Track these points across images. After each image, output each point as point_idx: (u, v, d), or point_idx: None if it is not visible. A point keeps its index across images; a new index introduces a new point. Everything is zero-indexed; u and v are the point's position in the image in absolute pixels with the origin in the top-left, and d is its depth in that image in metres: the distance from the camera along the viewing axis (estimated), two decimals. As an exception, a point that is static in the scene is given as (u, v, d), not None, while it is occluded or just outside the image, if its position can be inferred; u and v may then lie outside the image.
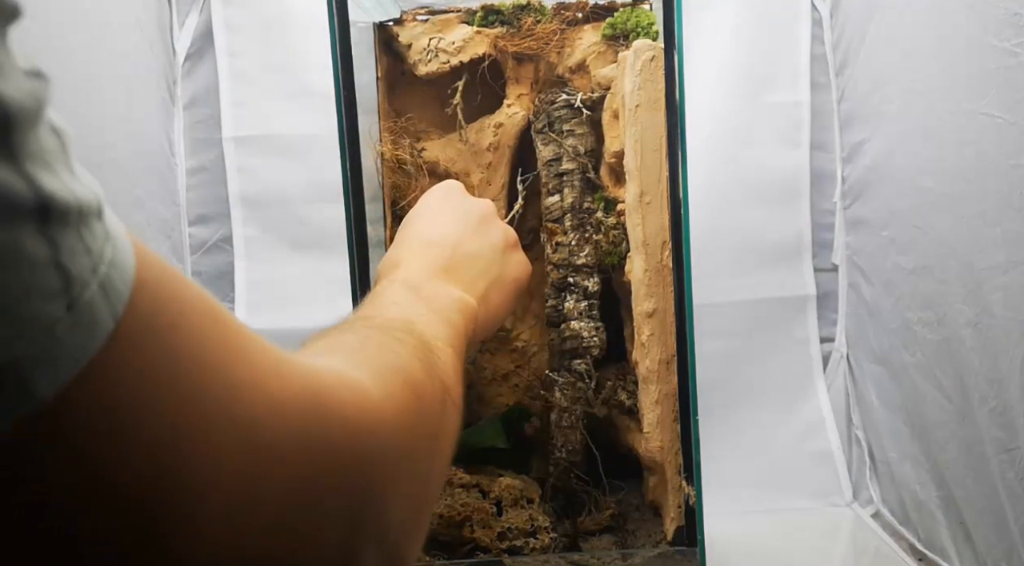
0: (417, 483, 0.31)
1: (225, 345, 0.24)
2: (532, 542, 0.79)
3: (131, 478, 0.20)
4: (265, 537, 0.24)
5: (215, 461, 0.22)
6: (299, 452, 0.25)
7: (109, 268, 0.20)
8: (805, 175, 1.15)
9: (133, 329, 0.21)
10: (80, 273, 0.19)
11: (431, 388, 0.35)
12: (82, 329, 0.19)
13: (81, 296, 0.19)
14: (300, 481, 0.25)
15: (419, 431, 0.32)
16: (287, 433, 0.24)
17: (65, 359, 0.19)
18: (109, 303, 0.20)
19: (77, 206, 0.20)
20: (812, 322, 1.16)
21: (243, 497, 0.23)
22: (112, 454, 0.20)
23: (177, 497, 0.21)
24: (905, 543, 0.97)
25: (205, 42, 1.13)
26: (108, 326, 0.20)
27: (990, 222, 0.75)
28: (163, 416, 0.21)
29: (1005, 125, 0.72)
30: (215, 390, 0.23)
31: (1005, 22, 0.71)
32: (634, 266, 0.78)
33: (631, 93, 0.76)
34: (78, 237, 0.20)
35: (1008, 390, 0.74)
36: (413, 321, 0.42)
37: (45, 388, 0.19)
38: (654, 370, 0.78)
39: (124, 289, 0.21)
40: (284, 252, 1.15)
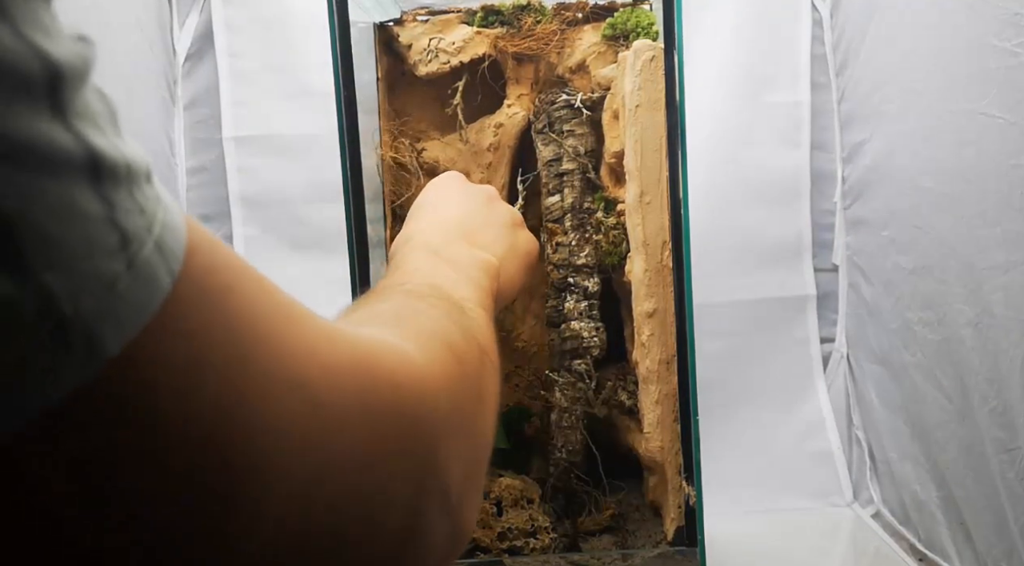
0: (469, 443, 0.31)
1: (276, 311, 0.24)
2: (532, 542, 0.79)
3: (197, 437, 0.20)
4: (333, 502, 0.23)
5: (277, 423, 0.22)
6: (359, 416, 0.25)
7: (162, 229, 0.20)
8: (805, 175, 1.15)
9: (190, 290, 0.21)
10: (136, 232, 0.19)
11: (469, 351, 0.35)
12: (142, 287, 0.19)
13: (139, 255, 0.19)
14: (363, 445, 0.25)
15: (464, 394, 0.32)
16: (344, 397, 0.24)
17: (128, 316, 0.19)
18: (166, 263, 0.20)
19: (126, 166, 0.20)
20: (812, 322, 1.16)
21: (309, 461, 0.23)
22: (177, 413, 0.20)
23: (243, 459, 0.21)
24: (905, 543, 0.97)
25: (205, 42, 1.13)
26: (166, 285, 0.20)
27: (990, 222, 0.75)
28: (223, 377, 0.21)
29: (1006, 125, 0.72)
30: (270, 353, 0.23)
31: (1006, 22, 0.71)
32: (634, 266, 0.78)
33: (631, 93, 0.76)
34: (130, 197, 0.20)
35: (1009, 390, 0.74)
36: (440, 285, 0.42)
37: (111, 344, 0.19)
38: (654, 370, 0.78)
39: (179, 250, 0.21)
40: (284, 252, 1.15)
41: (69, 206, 0.18)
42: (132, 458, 0.19)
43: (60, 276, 0.18)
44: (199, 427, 0.20)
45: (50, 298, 0.17)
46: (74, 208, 0.18)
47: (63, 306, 0.18)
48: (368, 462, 0.25)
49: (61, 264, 0.18)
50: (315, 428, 0.23)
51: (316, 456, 0.23)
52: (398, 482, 0.26)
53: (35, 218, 0.17)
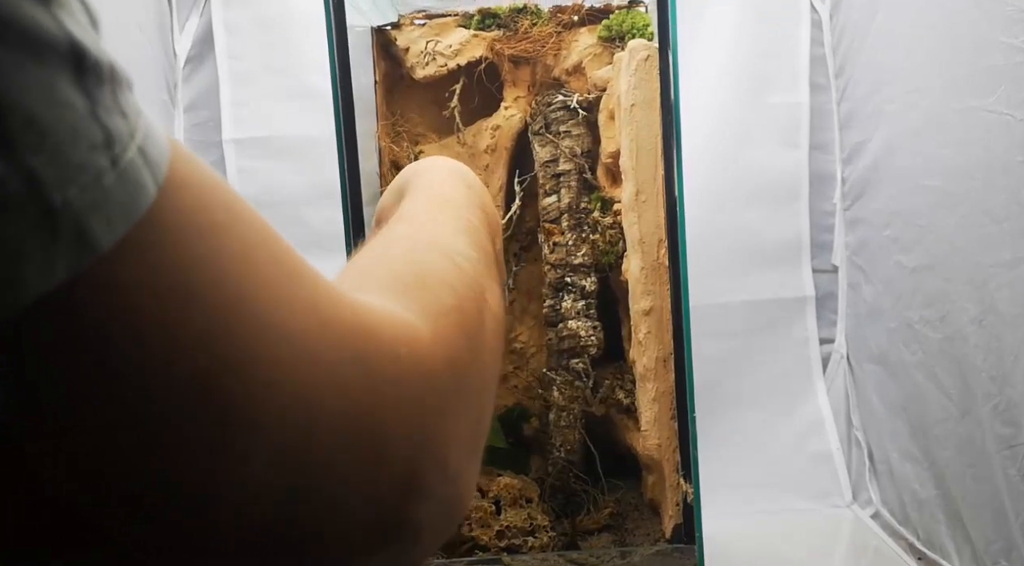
0: (469, 420, 0.31)
1: (276, 261, 0.23)
2: (531, 541, 0.79)
3: (181, 361, 0.20)
4: (322, 462, 0.23)
5: (267, 370, 0.21)
6: (355, 379, 0.24)
7: (145, 138, 0.20)
8: (804, 176, 1.15)
9: (177, 206, 0.20)
10: (119, 133, 0.19)
11: (482, 327, 0.34)
12: (128, 186, 0.19)
13: (123, 155, 0.19)
14: (357, 408, 0.24)
15: (469, 370, 0.31)
16: (342, 356, 0.24)
17: (116, 212, 0.19)
18: (150, 169, 0.20)
19: (109, 66, 0.20)
20: (811, 323, 1.16)
21: (300, 413, 0.22)
22: (162, 333, 0.20)
23: (228, 399, 0.21)
24: (905, 543, 0.97)
25: (205, 45, 1.14)
26: (151, 190, 0.20)
27: (997, 219, 0.75)
28: (213, 312, 0.21)
29: (1013, 122, 0.72)
30: (265, 299, 0.22)
31: (1013, 18, 0.71)
32: (631, 265, 0.78)
33: (626, 93, 0.76)
34: (112, 98, 0.19)
35: (1012, 386, 0.74)
36: (473, 237, 0.40)
37: (101, 237, 0.18)
38: (651, 368, 0.78)
39: (162, 162, 0.20)
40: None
41: (52, 91, 0.18)
42: (116, 363, 0.19)
43: (47, 161, 0.17)
44: (183, 351, 0.20)
45: (38, 183, 0.17)
46: (57, 94, 0.18)
47: (51, 193, 0.17)
48: (362, 427, 0.24)
49: (47, 149, 0.17)
50: (308, 382, 0.22)
51: (307, 411, 0.22)
52: (392, 450, 0.25)
53: (19, 98, 0.17)
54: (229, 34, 1.13)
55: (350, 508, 0.24)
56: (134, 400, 0.19)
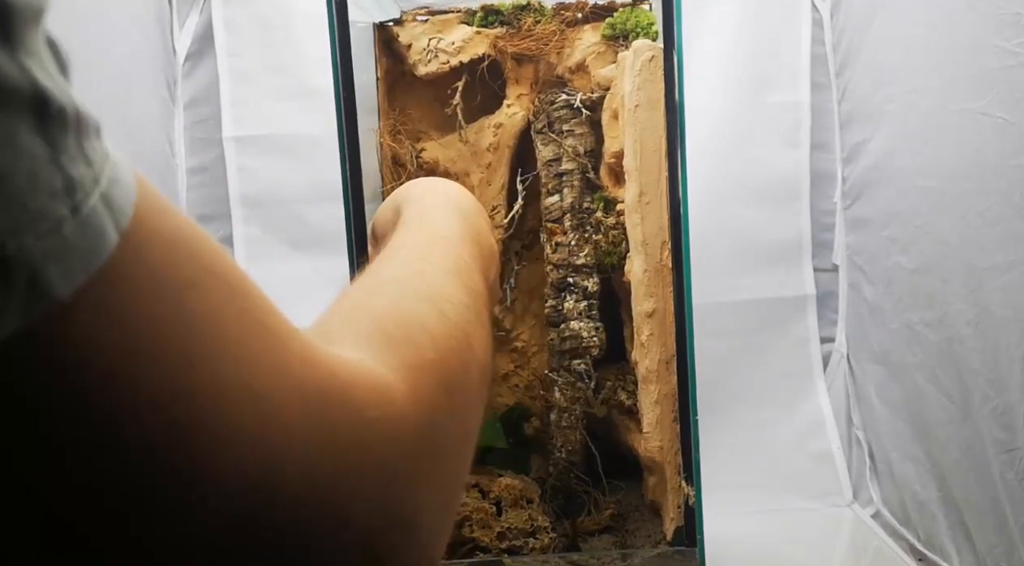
0: (445, 482, 0.30)
1: (246, 320, 0.23)
2: (532, 542, 0.79)
3: (134, 417, 0.19)
4: (279, 529, 0.22)
5: (228, 429, 0.21)
6: (321, 443, 0.23)
7: (110, 185, 0.20)
8: (805, 175, 1.15)
9: (141, 256, 0.20)
10: (81, 180, 0.19)
11: (467, 381, 0.33)
12: (89, 234, 0.19)
13: (85, 202, 0.19)
14: (321, 474, 0.23)
15: (447, 430, 0.30)
16: (308, 420, 0.23)
17: (74, 260, 0.18)
18: (113, 216, 0.20)
19: (75, 113, 0.19)
20: (812, 322, 1.16)
21: (258, 479, 0.22)
22: (117, 387, 0.19)
23: (180, 457, 0.20)
24: (905, 543, 0.97)
25: (205, 42, 1.13)
26: (113, 238, 0.19)
27: (991, 221, 0.75)
28: (173, 367, 0.20)
29: (1006, 125, 0.72)
30: (231, 361, 0.22)
31: (1006, 22, 0.71)
32: (633, 266, 0.78)
33: (630, 93, 0.76)
34: (76, 144, 0.19)
35: (1009, 390, 0.74)
36: (462, 277, 0.39)
37: (56, 286, 0.18)
38: (653, 370, 0.78)
39: (127, 207, 0.20)
40: (284, 252, 1.15)
41: (12, 138, 0.17)
42: (66, 417, 0.19)
43: (2, 208, 0.17)
44: (136, 409, 0.19)
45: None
46: (17, 141, 0.18)
47: (5, 240, 0.17)
48: (324, 494, 0.23)
49: (3, 196, 0.17)
50: (269, 447, 0.22)
51: (267, 476, 0.22)
52: (357, 518, 0.25)
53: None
54: (229, 31, 1.12)
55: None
56: (81, 458, 0.19)
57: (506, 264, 0.88)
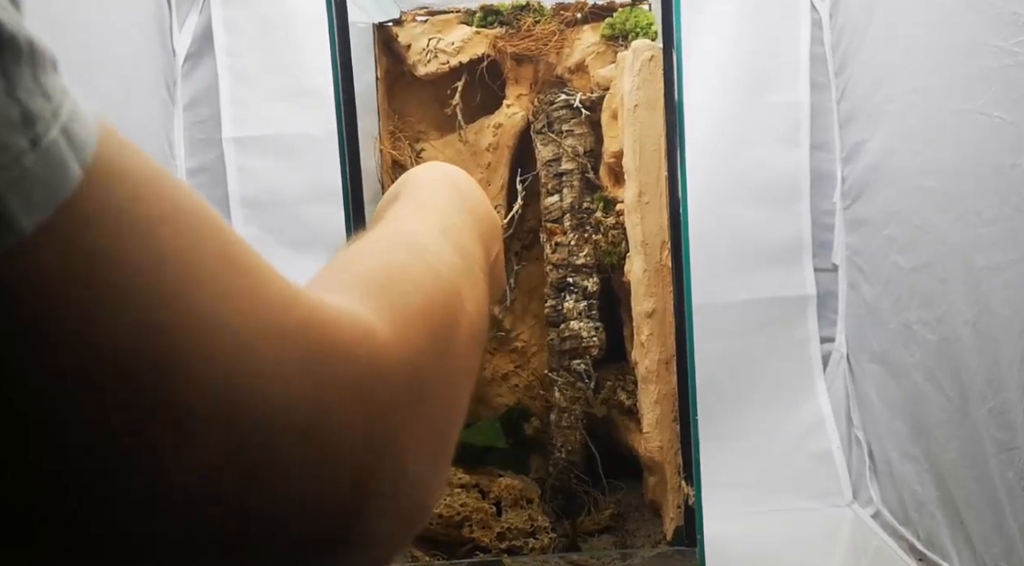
0: (434, 424, 0.30)
1: (222, 255, 0.22)
2: (532, 542, 0.79)
3: (106, 355, 0.19)
4: (262, 464, 0.22)
5: (203, 365, 0.20)
6: (300, 378, 0.23)
7: (70, 119, 0.19)
8: (805, 175, 1.15)
9: (105, 192, 0.20)
10: (40, 113, 0.18)
11: (454, 330, 0.32)
12: (50, 167, 0.18)
13: (45, 135, 0.18)
14: (301, 410, 0.23)
15: (434, 374, 0.30)
16: (287, 355, 0.23)
17: (37, 193, 0.18)
18: (75, 151, 0.19)
19: (29, 45, 0.19)
20: (812, 322, 1.16)
21: (235, 414, 0.21)
22: (87, 322, 0.19)
23: (164, 385, 0.20)
24: (905, 543, 0.97)
25: (205, 43, 1.13)
26: (76, 173, 0.19)
27: (989, 221, 0.75)
28: (146, 296, 0.20)
29: (1004, 124, 0.72)
30: (206, 296, 0.21)
31: (1005, 22, 0.71)
32: (633, 266, 0.78)
33: (630, 93, 0.76)
34: (32, 77, 0.19)
35: (1007, 390, 0.74)
36: (456, 240, 0.38)
37: (21, 219, 0.18)
38: (653, 370, 0.78)
39: (89, 143, 0.20)
40: (284, 252, 1.15)
41: None
42: (37, 353, 0.18)
43: None
44: (109, 343, 0.19)
45: None
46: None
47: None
48: (308, 427, 0.23)
49: None
50: (246, 384, 0.21)
51: (245, 414, 0.21)
52: (342, 453, 0.24)
53: None
54: (228, 32, 1.12)
55: (296, 510, 0.23)
56: (54, 394, 0.19)
57: (506, 264, 0.88)
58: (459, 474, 0.81)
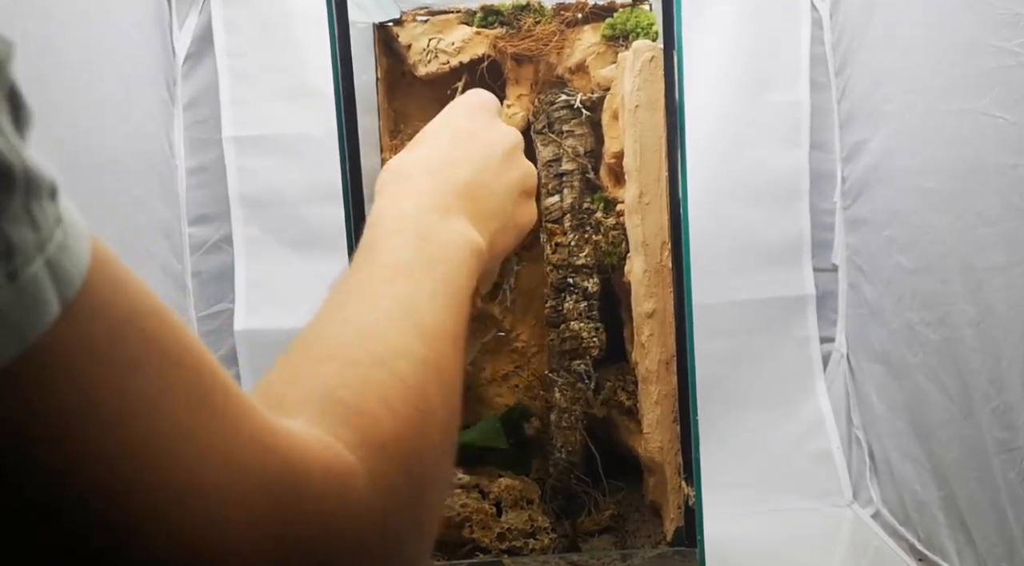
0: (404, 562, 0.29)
1: (195, 404, 0.21)
2: (532, 543, 0.79)
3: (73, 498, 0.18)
4: None
5: (167, 529, 0.20)
6: (271, 541, 0.22)
7: (58, 251, 0.19)
8: (805, 175, 1.15)
9: (82, 332, 0.19)
10: (23, 245, 0.18)
11: (428, 450, 0.31)
12: (26, 303, 0.18)
13: (24, 269, 0.18)
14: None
15: (407, 514, 0.29)
16: (258, 517, 0.22)
17: (8, 332, 0.18)
18: (57, 286, 0.19)
19: (24, 174, 0.18)
20: (812, 322, 1.16)
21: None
22: (49, 469, 0.18)
23: (117, 558, 0.19)
24: (905, 543, 0.97)
25: (205, 42, 1.13)
26: (53, 310, 0.18)
27: (990, 222, 0.75)
28: (109, 450, 0.19)
29: (1005, 125, 0.72)
30: (174, 452, 0.20)
31: (1005, 22, 0.71)
32: (634, 266, 0.78)
33: (630, 93, 0.76)
34: (23, 207, 0.18)
35: (1010, 390, 0.74)
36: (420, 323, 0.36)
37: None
38: (654, 370, 0.78)
39: (75, 278, 0.19)
40: (284, 252, 1.15)
41: None
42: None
43: None
44: (67, 496, 0.18)
45: None
46: None
47: None
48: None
49: None
50: (212, 547, 0.20)
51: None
52: None
53: None
54: (228, 32, 1.12)
55: None
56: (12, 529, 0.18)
57: (506, 264, 0.88)
58: (459, 474, 0.81)
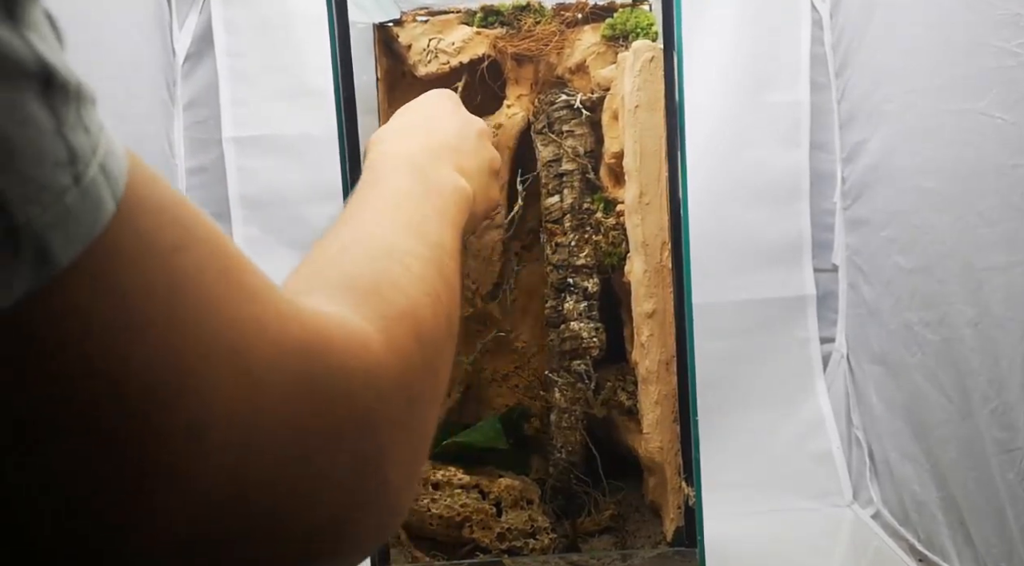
0: (416, 435, 0.31)
1: (227, 280, 0.24)
2: (532, 543, 0.79)
3: (128, 382, 0.20)
4: (266, 480, 0.23)
5: (212, 392, 0.22)
6: (301, 396, 0.24)
7: (106, 154, 0.21)
8: (805, 175, 1.15)
9: (133, 222, 0.21)
10: (82, 150, 0.20)
11: (437, 329, 0.34)
12: (89, 203, 0.20)
13: (86, 172, 0.20)
14: (303, 428, 0.24)
15: (421, 385, 0.31)
16: (289, 376, 0.24)
17: (77, 229, 0.19)
18: (110, 185, 0.20)
19: (76, 85, 0.20)
20: (812, 322, 1.16)
21: (242, 433, 0.23)
22: (111, 351, 0.20)
23: (172, 421, 0.21)
24: (905, 543, 0.97)
25: (205, 43, 1.13)
26: (110, 207, 0.20)
27: (990, 222, 0.75)
28: (161, 334, 0.21)
29: (1005, 125, 0.72)
30: (214, 321, 0.22)
31: (1005, 22, 0.71)
32: (634, 266, 0.78)
33: (630, 94, 0.76)
34: (77, 115, 0.20)
35: (1009, 390, 0.74)
36: (421, 232, 0.40)
37: (61, 255, 0.19)
38: (654, 370, 0.78)
39: (121, 177, 0.21)
40: (284, 252, 1.15)
41: (21, 110, 0.18)
42: (66, 380, 0.19)
43: (12, 180, 0.18)
44: (129, 372, 0.20)
45: (4, 201, 0.18)
46: (26, 114, 0.18)
47: (14, 212, 0.18)
48: (307, 446, 0.25)
49: (13, 168, 0.18)
50: (252, 403, 0.23)
51: (251, 433, 0.23)
52: (337, 469, 0.26)
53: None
54: (228, 32, 1.12)
55: (293, 521, 0.25)
56: (82, 417, 0.20)
57: (506, 264, 0.88)
58: (459, 474, 0.81)
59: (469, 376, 0.88)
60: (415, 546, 0.79)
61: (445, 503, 0.78)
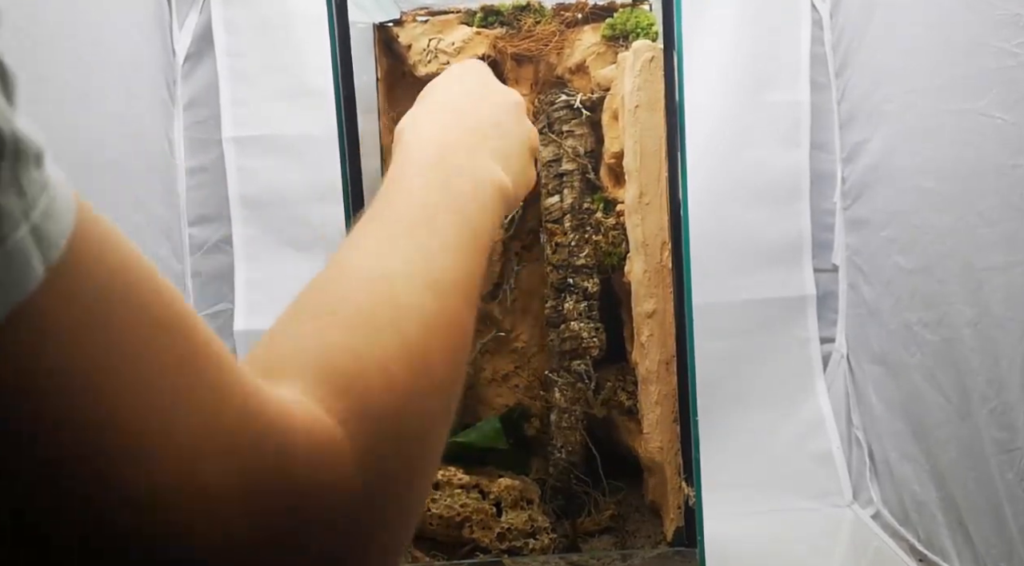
0: (391, 538, 0.28)
1: (179, 364, 0.22)
2: (532, 543, 0.79)
3: (52, 458, 0.19)
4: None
5: (145, 489, 0.20)
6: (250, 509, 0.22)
7: (43, 218, 0.19)
8: (805, 175, 1.15)
9: (66, 293, 0.19)
10: (9, 211, 0.18)
11: (424, 416, 0.30)
12: (12, 268, 0.18)
13: (11, 234, 0.18)
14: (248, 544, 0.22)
15: (398, 491, 0.28)
16: (237, 482, 0.22)
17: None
18: (41, 250, 0.19)
19: (13, 141, 0.19)
20: (812, 322, 1.16)
21: (171, 538, 0.20)
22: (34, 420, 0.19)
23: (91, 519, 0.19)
24: (905, 544, 0.97)
25: (205, 42, 1.13)
26: (37, 273, 0.19)
27: (990, 222, 0.75)
28: (87, 412, 0.19)
29: (1005, 125, 0.72)
30: (154, 411, 0.20)
31: (1005, 22, 0.71)
32: (634, 267, 0.78)
33: (630, 94, 0.76)
34: (11, 175, 0.19)
35: (1008, 390, 0.74)
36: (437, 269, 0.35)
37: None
38: (653, 370, 0.78)
39: (59, 240, 0.20)
40: (284, 252, 1.15)
41: None
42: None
43: None
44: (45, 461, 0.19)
45: None
46: None
47: None
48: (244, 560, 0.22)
49: None
50: (188, 511, 0.20)
51: (179, 543, 0.21)
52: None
53: None
54: (228, 32, 1.12)
55: None
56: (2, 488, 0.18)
57: (506, 265, 0.88)
58: (459, 474, 0.81)
59: (469, 376, 0.88)
60: (415, 546, 0.79)
61: (445, 503, 0.78)
